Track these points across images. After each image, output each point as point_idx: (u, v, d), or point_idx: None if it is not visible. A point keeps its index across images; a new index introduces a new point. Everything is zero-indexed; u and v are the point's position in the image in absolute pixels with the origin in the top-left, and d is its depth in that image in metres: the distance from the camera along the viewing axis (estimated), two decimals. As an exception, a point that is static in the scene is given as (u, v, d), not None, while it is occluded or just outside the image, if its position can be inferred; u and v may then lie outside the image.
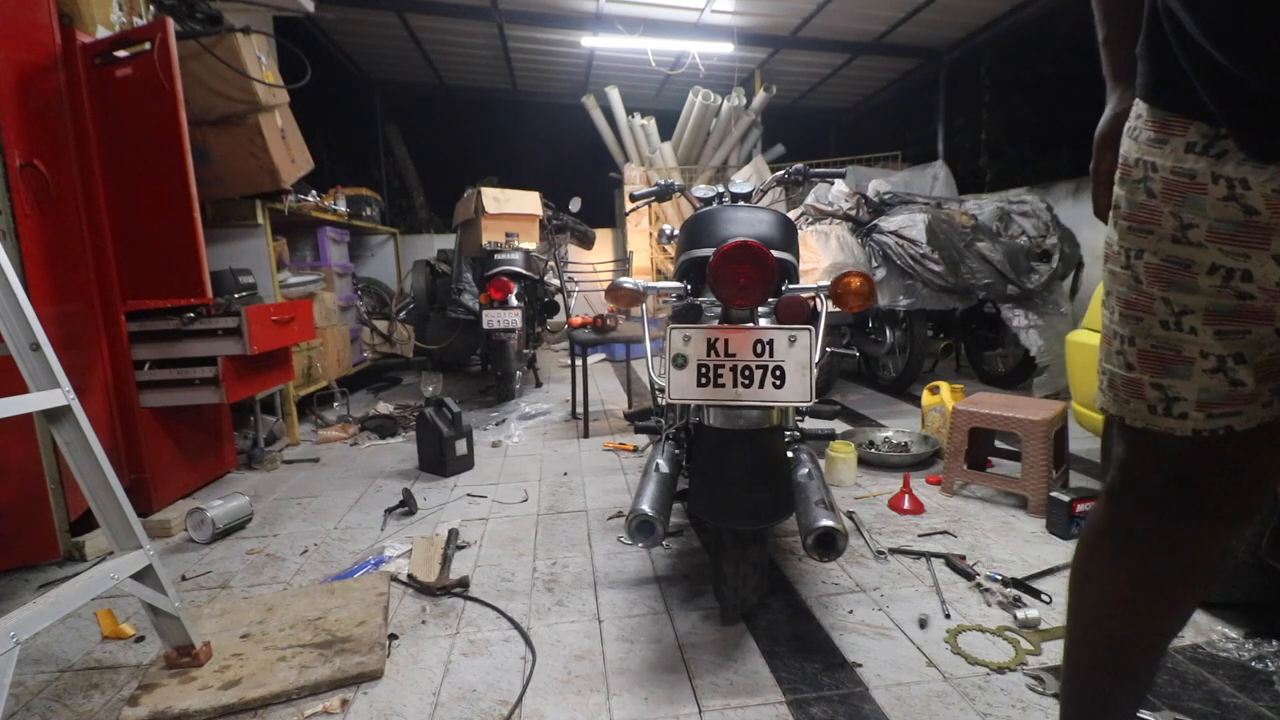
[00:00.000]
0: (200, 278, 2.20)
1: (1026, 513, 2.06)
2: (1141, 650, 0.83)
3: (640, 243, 7.27)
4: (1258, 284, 0.63)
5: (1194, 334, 0.68)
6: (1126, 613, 0.81)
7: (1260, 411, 0.68)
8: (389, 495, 2.40)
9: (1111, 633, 0.83)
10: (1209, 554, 0.76)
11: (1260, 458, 0.71)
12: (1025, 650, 1.34)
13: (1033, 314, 3.40)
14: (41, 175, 1.91)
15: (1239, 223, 0.62)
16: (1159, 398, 0.71)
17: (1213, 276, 0.65)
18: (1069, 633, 0.88)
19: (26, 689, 1.34)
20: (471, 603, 1.63)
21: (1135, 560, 0.78)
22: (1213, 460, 0.71)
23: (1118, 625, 0.82)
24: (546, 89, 8.05)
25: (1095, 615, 0.84)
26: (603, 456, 2.88)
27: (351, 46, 6.79)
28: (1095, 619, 0.84)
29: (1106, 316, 0.77)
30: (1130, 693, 0.87)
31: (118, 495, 1.22)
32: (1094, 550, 0.83)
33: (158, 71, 2.04)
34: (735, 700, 1.23)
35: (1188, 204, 0.65)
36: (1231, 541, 0.80)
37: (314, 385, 3.60)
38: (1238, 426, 0.68)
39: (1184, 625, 0.85)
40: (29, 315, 1.12)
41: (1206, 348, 0.67)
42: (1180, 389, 0.69)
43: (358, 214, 4.86)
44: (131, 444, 2.23)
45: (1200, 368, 0.68)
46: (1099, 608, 0.84)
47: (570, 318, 4.04)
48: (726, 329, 1.35)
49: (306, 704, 1.26)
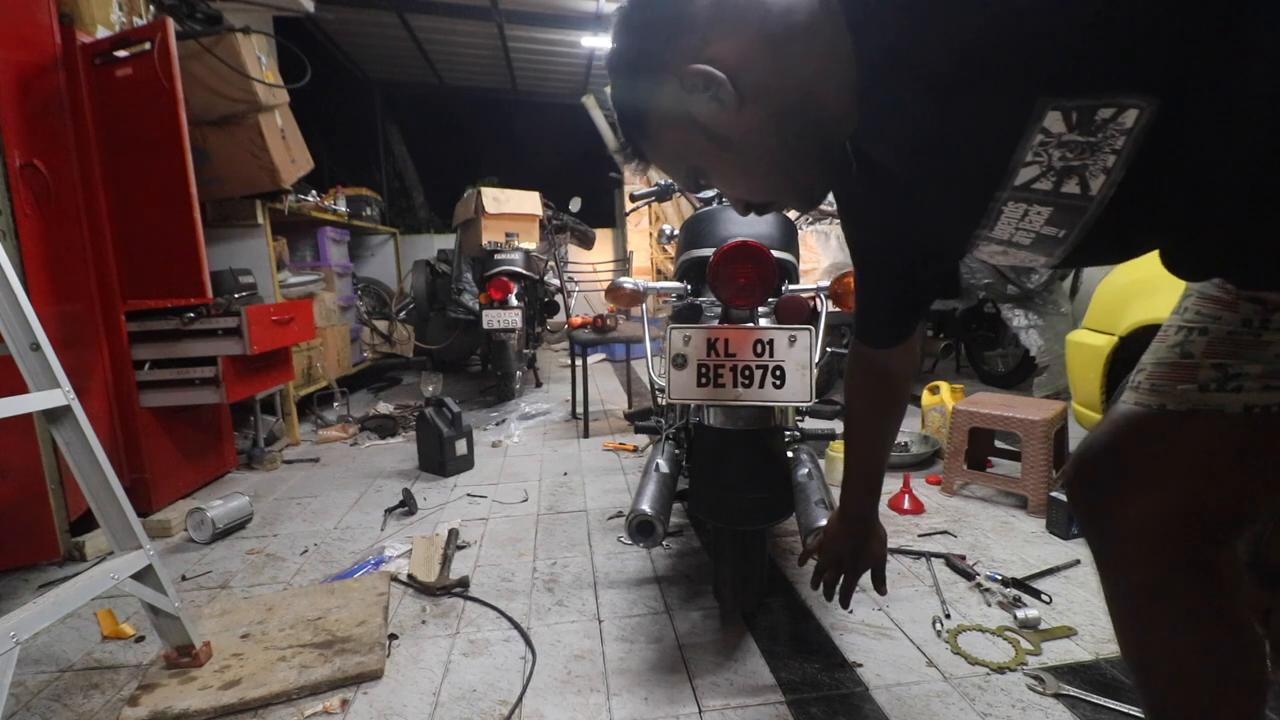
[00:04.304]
0: (200, 278, 2.20)
1: (1026, 513, 2.06)
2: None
3: (640, 243, 7.28)
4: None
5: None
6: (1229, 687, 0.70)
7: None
8: (389, 495, 2.40)
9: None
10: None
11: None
12: (1025, 650, 1.34)
13: (1033, 314, 3.40)
14: (41, 175, 1.91)
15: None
16: (1215, 376, 0.66)
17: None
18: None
19: (26, 689, 1.34)
20: (471, 603, 1.63)
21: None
22: (1261, 443, 0.65)
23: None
24: (546, 89, 8.05)
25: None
26: (603, 456, 2.87)
27: (351, 46, 6.80)
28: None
29: (1176, 316, 0.73)
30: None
31: (118, 495, 1.22)
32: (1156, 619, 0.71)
33: (158, 71, 2.04)
34: (735, 700, 1.23)
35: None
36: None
37: (314, 385, 3.60)
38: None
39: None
40: (29, 315, 1.12)
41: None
42: (1245, 368, 0.65)
43: (358, 214, 4.86)
44: (131, 444, 2.23)
45: (1277, 351, 0.64)
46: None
47: (570, 318, 4.04)
48: (726, 329, 1.35)
49: (306, 704, 1.26)
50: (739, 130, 0.64)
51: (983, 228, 0.61)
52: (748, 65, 0.60)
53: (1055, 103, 0.48)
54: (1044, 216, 0.57)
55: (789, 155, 0.66)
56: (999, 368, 3.94)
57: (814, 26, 0.58)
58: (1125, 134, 0.48)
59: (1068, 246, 0.59)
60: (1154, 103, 0.46)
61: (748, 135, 0.64)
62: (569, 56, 6.91)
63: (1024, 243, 0.61)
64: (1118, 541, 0.73)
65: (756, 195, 0.74)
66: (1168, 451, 0.69)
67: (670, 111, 0.66)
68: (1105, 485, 0.73)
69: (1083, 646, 1.36)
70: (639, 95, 0.68)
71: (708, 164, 0.70)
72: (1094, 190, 0.52)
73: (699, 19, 0.61)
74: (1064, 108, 0.48)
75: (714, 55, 0.60)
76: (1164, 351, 0.72)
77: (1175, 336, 0.72)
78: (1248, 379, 0.65)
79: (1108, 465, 0.74)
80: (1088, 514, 0.76)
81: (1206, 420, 0.67)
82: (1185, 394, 0.68)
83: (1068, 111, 0.48)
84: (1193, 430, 0.68)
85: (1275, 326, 0.65)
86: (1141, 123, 0.47)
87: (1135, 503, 0.70)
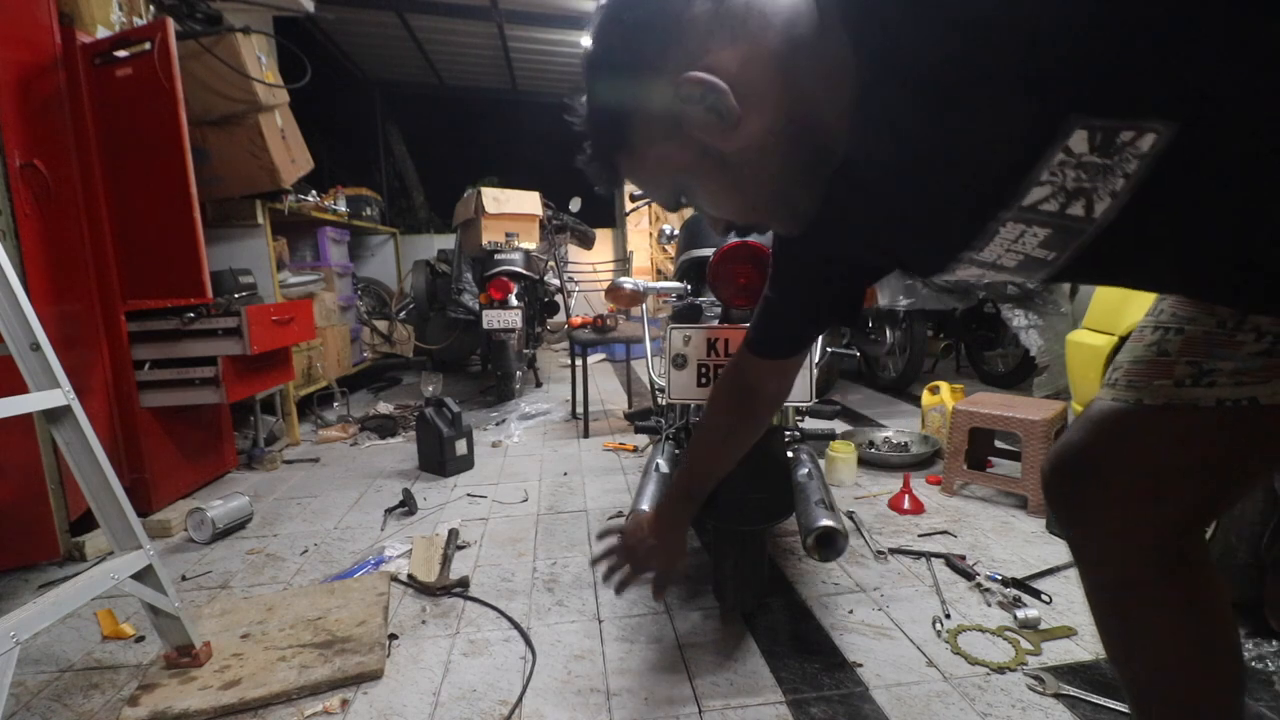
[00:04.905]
0: (200, 277, 2.20)
1: (1026, 513, 2.06)
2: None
3: (640, 243, 7.28)
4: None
5: (1255, 331, 0.65)
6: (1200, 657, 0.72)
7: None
8: (389, 495, 2.40)
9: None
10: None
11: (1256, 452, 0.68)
12: (1025, 650, 1.34)
13: (1033, 314, 3.40)
14: (41, 175, 1.91)
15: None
16: (1190, 373, 0.68)
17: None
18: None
19: (26, 689, 1.34)
20: (471, 603, 1.63)
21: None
22: (1228, 440, 0.67)
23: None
24: (546, 89, 8.05)
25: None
26: (603, 456, 2.87)
27: (351, 46, 6.80)
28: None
29: (1151, 317, 0.74)
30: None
31: (118, 495, 1.22)
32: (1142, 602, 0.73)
33: (158, 71, 2.04)
34: (735, 700, 1.23)
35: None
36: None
37: (314, 385, 3.60)
38: (1262, 399, 0.65)
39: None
40: (29, 315, 1.12)
41: (1265, 327, 0.64)
42: (1219, 365, 0.66)
43: (358, 214, 4.86)
44: (131, 444, 2.23)
45: (1249, 350, 0.65)
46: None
47: (570, 318, 4.04)
48: (726, 329, 1.35)
49: (306, 704, 1.26)
50: (735, 145, 0.60)
51: (971, 249, 0.60)
52: (749, 76, 0.57)
53: (1086, 121, 0.46)
54: (1039, 238, 0.55)
55: (784, 174, 0.62)
56: (999, 368, 3.94)
57: (817, 38, 0.55)
58: (1139, 158, 0.47)
59: (1053, 270, 0.58)
60: (1173, 128, 0.45)
61: (743, 151, 0.60)
62: (569, 56, 6.91)
63: (1009, 265, 0.59)
64: (1095, 537, 0.75)
65: (745, 216, 0.69)
66: (1142, 445, 0.71)
67: (659, 122, 0.61)
68: (1081, 481, 0.74)
69: (1083, 646, 1.36)
70: (623, 101, 0.63)
71: (694, 180, 0.65)
72: (1097, 213, 0.51)
73: (699, 23, 0.57)
74: (1092, 127, 0.47)
75: (713, 64, 0.56)
76: (1140, 350, 0.73)
77: (1152, 336, 0.73)
78: (1221, 375, 0.66)
79: (1084, 461, 0.74)
80: (1065, 510, 0.77)
81: (1180, 414, 0.68)
82: (1161, 389, 0.70)
83: (1094, 131, 0.47)
84: (1167, 423, 0.69)
85: (1248, 327, 0.66)
86: (1158, 148, 0.46)
87: (1110, 497, 0.72)
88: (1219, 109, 0.45)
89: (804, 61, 0.57)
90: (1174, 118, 0.45)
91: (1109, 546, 0.73)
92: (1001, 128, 0.50)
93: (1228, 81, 0.44)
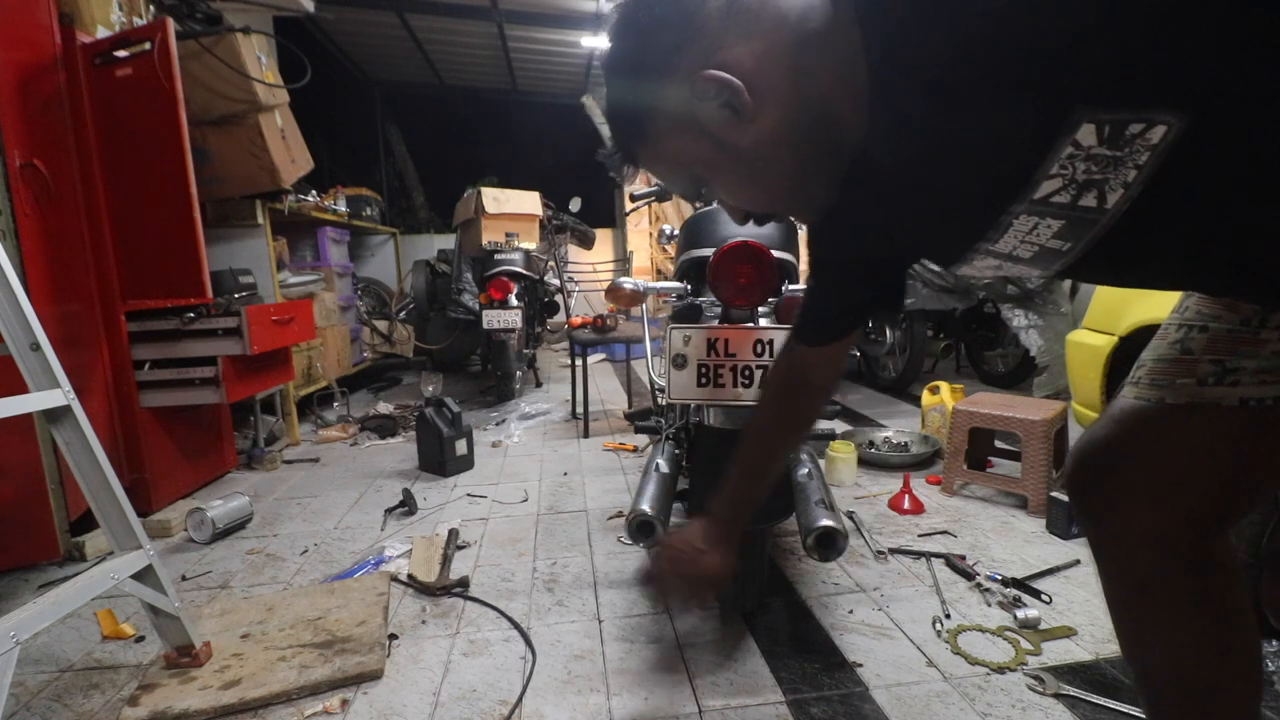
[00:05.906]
0: (200, 277, 2.20)
1: (1026, 513, 2.06)
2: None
3: (640, 243, 7.28)
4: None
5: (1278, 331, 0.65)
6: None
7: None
8: (389, 495, 2.40)
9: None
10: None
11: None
12: (1025, 650, 1.34)
13: (1032, 314, 3.40)
14: (41, 175, 1.91)
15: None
16: (1213, 371, 0.68)
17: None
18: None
19: (26, 689, 1.34)
20: (471, 603, 1.63)
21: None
22: (1252, 438, 0.66)
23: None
24: (546, 89, 8.05)
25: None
26: (603, 456, 2.87)
27: (351, 46, 6.80)
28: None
29: (1175, 315, 0.74)
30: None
31: (118, 495, 1.22)
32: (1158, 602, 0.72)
33: (158, 71, 2.04)
34: (735, 700, 1.23)
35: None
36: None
37: (314, 385, 3.60)
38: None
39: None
40: (29, 315, 1.12)
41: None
42: (1242, 364, 0.66)
43: (358, 214, 4.86)
44: (131, 444, 2.23)
45: (1273, 349, 0.65)
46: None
47: (570, 318, 4.04)
48: (726, 329, 1.35)
49: (306, 704, 1.26)
50: (750, 139, 0.61)
51: (986, 240, 0.60)
52: (763, 72, 0.58)
53: (1093, 114, 0.47)
54: (1053, 229, 0.56)
55: (800, 166, 0.64)
56: (999, 368, 3.94)
57: (830, 33, 0.56)
58: (1150, 150, 0.47)
59: (1068, 260, 0.59)
60: (1184, 120, 0.45)
61: (759, 145, 0.62)
62: (569, 56, 6.91)
63: (1024, 256, 0.60)
64: (1117, 536, 0.74)
65: (761, 206, 0.71)
66: (1166, 444, 0.71)
67: (676, 118, 0.63)
68: (1105, 479, 0.74)
69: (1083, 646, 1.36)
70: (641, 99, 0.65)
71: (711, 173, 0.67)
72: (1110, 204, 0.51)
73: (712, 21, 0.58)
74: (1099, 120, 0.47)
75: (727, 60, 0.58)
76: (1164, 348, 0.73)
77: (1175, 334, 0.73)
78: (1244, 374, 0.66)
79: (1107, 459, 0.74)
80: (1087, 509, 0.76)
81: (1203, 413, 0.68)
82: (1184, 388, 0.69)
83: (1101, 124, 0.47)
84: (1190, 423, 0.69)
85: (1273, 325, 0.66)
86: (1168, 140, 0.46)
87: (1134, 496, 0.71)
88: (1230, 102, 0.45)
89: (817, 56, 0.57)
90: (1184, 110, 0.45)
91: (1128, 543, 0.73)
92: (1009, 123, 0.50)
93: (1237, 75, 0.44)
